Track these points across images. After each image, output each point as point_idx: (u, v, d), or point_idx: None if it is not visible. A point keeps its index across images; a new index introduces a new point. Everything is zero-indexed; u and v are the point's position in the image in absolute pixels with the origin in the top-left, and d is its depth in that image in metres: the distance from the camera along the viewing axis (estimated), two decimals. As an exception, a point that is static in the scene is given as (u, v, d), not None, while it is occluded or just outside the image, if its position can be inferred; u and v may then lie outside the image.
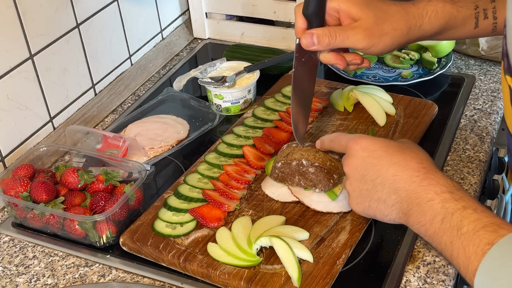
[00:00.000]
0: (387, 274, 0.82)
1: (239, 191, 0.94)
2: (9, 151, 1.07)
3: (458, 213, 0.65)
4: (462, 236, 0.63)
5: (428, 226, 0.68)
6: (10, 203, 0.93)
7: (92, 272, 0.87)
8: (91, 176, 0.94)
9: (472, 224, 0.63)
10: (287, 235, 0.83)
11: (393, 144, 0.76)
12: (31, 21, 1.06)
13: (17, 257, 0.91)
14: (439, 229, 0.66)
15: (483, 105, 1.15)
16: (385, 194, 0.73)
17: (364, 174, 0.75)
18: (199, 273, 0.82)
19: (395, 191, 0.72)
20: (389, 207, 0.73)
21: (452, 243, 0.64)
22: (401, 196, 0.71)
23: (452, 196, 0.67)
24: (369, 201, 0.75)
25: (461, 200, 0.67)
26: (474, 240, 0.61)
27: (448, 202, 0.67)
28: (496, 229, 0.61)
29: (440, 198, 0.68)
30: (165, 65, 1.40)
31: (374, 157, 0.74)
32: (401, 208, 0.72)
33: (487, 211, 0.65)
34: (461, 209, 0.65)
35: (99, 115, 1.23)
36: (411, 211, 0.70)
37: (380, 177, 0.73)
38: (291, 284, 0.78)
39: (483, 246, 0.60)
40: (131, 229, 0.89)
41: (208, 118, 1.18)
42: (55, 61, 1.14)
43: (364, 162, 0.75)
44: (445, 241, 0.65)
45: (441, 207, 0.67)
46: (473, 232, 0.62)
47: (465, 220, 0.64)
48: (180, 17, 1.55)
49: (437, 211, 0.67)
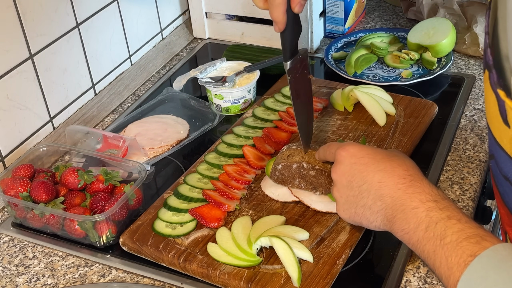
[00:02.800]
0: (387, 274, 0.82)
1: (239, 191, 0.94)
2: (9, 150, 1.07)
3: (442, 223, 0.65)
4: (445, 246, 0.63)
5: (411, 234, 0.68)
6: (10, 203, 0.93)
7: (92, 272, 0.87)
8: (91, 176, 0.94)
9: (456, 235, 0.63)
10: (287, 235, 0.83)
11: (380, 151, 0.77)
12: (31, 21, 1.06)
13: (17, 257, 0.91)
14: (422, 237, 0.66)
15: (483, 105, 1.15)
16: (371, 200, 0.74)
17: (351, 180, 0.76)
18: (199, 273, 0.82)
19: (380, 197, 0.72)
20: (374, 213, 0.74)
21: (435, 252, 0.64)
22: (386, 202, 0.72)
23: (437, 205, 0.68)
24: (355, 207, 0.76)
25: (446, 209, 0.67)
26: (457, 251, 0.62)
27: (432, 210, 0.67)
28: (479, 240, 0.61)
29: (425, 207, 0.68)
30: (165, 65, 1.40)
31: (361, 163, 0.75)
32: (386, 214, 0.72)
33: (471, 221, 0.65)
34: (445, 219, 0.65)
35: (99, 115, 1.23)
36: (396, 218, 0.70)
37: (366, 183, 0.74)
38: (291, 284, 0.78)
39: (465, 257, 0.60)
40: (131, 229, 0.89)
41: (208, 118, 1.18)
42: (55, 61, 1.14)
43: (351, 168, 0.76)
44: (428, 250, 0.65)
45: (426, 216, 0.67)
46: (456, 243, 0.62)
47: (448, 230, 0.64)
48: (180, 17, 1.55)
49: (421, 219, 0.67)
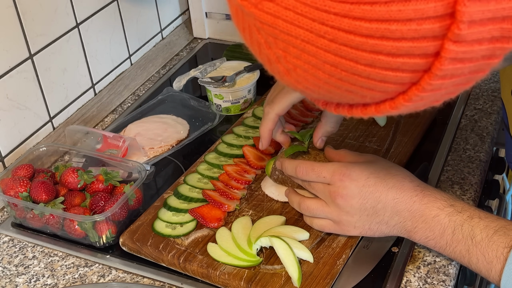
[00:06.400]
0: (387, 274, 0.82)
1: (239, 191, 0.94)
2: (9, 150, 1.07)
3: (466, 224, 0.73)
4: (478, 244, 0.71)
5: (438, 239, 0.75)
6: (9, 203, 0.93)
7: (92, 272, 0.87)
8: (90, 176, 0.94)
9: (484, 232, 0.71)
10: (287, 235, 0.83)
11: (377, 166, 0.80)
12: (30, 21, 1.06)
13: (17, 257, 0.91)
14: (451, 240, 0.74)
15: (483, 105, 1.15)
16: (387, 217, 0.78)
17: (363, 202, 0.78)
18: (199, 273, 0.82)
19: (397, 213, 0.77)
20: (391, 227, 0.78)
21: (469, 251, 0.72)
22: (404, 216, 0.77)
23: (454, 209, 0.74)
24: (370, 224, 0.79)
25: (464, 211, 0.74)
26: (491, 246, 0.70)
27: (453, 215, 0.74)
28: (506, 232, 0.70)
29: (445, 213, 0.74)
30: (165, 65, 1.40)
31: (369, 185, 0.78)
32: (405, 227, 0.77)
33: (488, 215, 0.73)
34: (468, 220, 0.73)
35: (98, 115, 1.22)
36: (417, 228, 0.76)
37: (381, 202, 0.77)
38: (291, 284, 0.78)
39: (501, 249, 0.69)
40: (131, 229, 0.89)
41: (208, 118, 1.17)
42: (54, 61, 1.14)
43: (361, 191, 0.78)
44: (461, 250, 0.73)
45: (449, 221, 0.74)
46: (488, 239, 0.70)
47: (476, 229, 0.72)
48: (180, 17, 1.55)
49: (445, 225, 0.74)
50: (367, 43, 0.44)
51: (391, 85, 0.48)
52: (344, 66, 0.46)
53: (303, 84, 0.51)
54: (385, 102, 0.51)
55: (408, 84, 0.48)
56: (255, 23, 0.48)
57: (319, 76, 0.48)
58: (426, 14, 0.42)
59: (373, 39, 0.43)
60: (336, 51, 0.45)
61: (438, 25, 0.42)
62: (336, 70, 0.47)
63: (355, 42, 0.44)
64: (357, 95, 0.50)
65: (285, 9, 0.44)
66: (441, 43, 0.43)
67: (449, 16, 0.42)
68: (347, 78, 0.47)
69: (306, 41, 0.45)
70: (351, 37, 0.44)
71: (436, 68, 0.45)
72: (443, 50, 0.43)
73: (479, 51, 0.44)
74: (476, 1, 0.41)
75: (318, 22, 0.44)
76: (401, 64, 0.45)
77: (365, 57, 0.45)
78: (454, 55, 0.44)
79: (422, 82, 0.46)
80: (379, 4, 0.42)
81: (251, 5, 0.46)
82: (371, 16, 0.42)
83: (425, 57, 0.45)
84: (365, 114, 0.53)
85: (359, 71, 0.46)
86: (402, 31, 0.43)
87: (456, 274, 0.83)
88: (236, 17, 0.51)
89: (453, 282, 0.82)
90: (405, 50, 0.44)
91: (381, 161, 0.83)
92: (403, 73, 0.46)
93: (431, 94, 0.48)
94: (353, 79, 0.47)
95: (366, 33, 0.43)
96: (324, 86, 0.49)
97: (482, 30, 0.42)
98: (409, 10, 0.42)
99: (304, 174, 0.83)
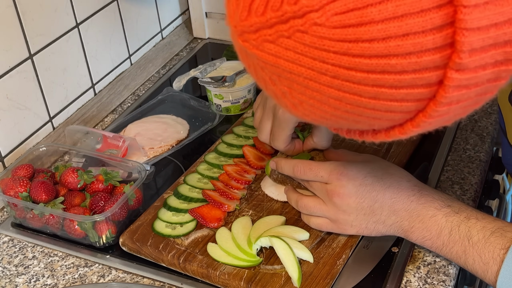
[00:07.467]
0: (387, 274, 0.82)
1: (239, 191, 0.94)
2: (9, 150, 1.07)
3: (463, 224, 0.73)
4: (475, 245, 0.71)
5: (435, 240, 0.75)
6: (9, 203, 0.93)
7: (91, 272, 0.87)
8: (90, 176, 0.94)
9: (481, 233, 0.71)
10: (287, 235, 0.83)
11: (375, 166, 0.80)
12: (30, 21, 1.06)
13: (17, 257, 0.91)
14: (448, 240, 0.74)
15: (483, 105, 1.15)
16: (384, 216, 0.78)
17: (360, 201, 0.78)
18: (199, 273, 0.82)
19: (394, 212, 0.77)
20: (387, 226, 0.78)
21: (466, 252, 0.72)
22: (401, 215, 0.77)
23: (452, 209, 0.75)
24: (367, 223, 0.79)
25: (461, 211, 0.74)
26: (487, 247, 0.70)
27: (450, 215, 0.74)
28: (503, 233, 0.70)
29: (442, 213, 0.74)
30: (165, 65, 1.40)
31: (366, 184, 0.78)
32: (402, 226, 0.77)
33: (487, 216, 0.72)
34: (465, 220, 0.73)
35: (98, 115, 1.22)
36: (414, 228, 0.76)
37: (378, 202, 0.77)
38: (291, 285, 0.78)
39: (498, 251, 0.69)
40: (131, 229, 0.89)
41: (208, 118, 1.17)
42: (54, 61, 1.14)
43: (358, 190, 0.78)
44: (457, 251, 0.73)
45: (446, 221, 0.74)
46: (484, 240, 0.70)
47: (472, 230, 0.72)
48: (180, 16, 1.55)
49: (442, 225, 0.74)
50: (369, 78, 0.44)
51: (398, 114, 0.48)
52: (348, 100, 0.47)
53: (310, 117, 0.52)
54: (394, 129, 0.51)
55: (414, 112, 0.48)
56: (258, 62, 0.49)
57: (325, 109, 0.49)
58: (425, 46, 0.42)
59: (375, 74, 0.44)
60: (339, 87, 0.46)
61: (438, 56, 0.42)
62: (341, 104, 0.47)
63: (357, 77, 0.44)
64: (364, 124, 0.51)
65: (285, 50, 0.45)
66: (443, 72, 0.43)
67: (449, 46, 0.42)
68: (352, 110, 0.48)
69: (308, 78, 0.46)
70: (352, 73, 0.44)
71: (441, 96, 0.45)
72: (446, 79, 0.44)
73: (484, 75, 0.44)
74: (475, 30, 0.41)
75: (318, 60, 0.44)
76: (405, 95, 0.45)
77: (368, 91, 0.45)
78: (458, 82, 0.44)
79: (428, 110, 0.47)
80: (377, 41, 0.42)
81: (252, 46, 0.47)
82: (370, 52, 0.42)
83: (429, 87, 0.45)
84: (375, 139, 0.54)
85: (364, 104, 0.47)
86: (402, 65, 0.43)
87: (456, 274, 0.83)
88: (241, 55, 0.52)
89: (453, 282, 0.82)
90: (408, 82, 0.44)
91: (379, 160, 0.83)
92: (408, 103, 0.46)
93: (439, 119, 0.48)
94: (359, 111, 0.48)
95: (367, 69, 0.44)
96: (331, 118, 0.50)
97: (485, 56, 0.42)
98: (407, 45, 0.42)
99: (302, 173, 0.83)
